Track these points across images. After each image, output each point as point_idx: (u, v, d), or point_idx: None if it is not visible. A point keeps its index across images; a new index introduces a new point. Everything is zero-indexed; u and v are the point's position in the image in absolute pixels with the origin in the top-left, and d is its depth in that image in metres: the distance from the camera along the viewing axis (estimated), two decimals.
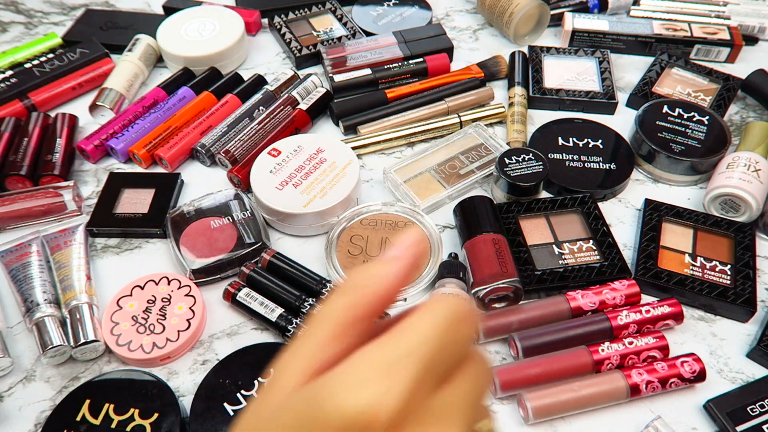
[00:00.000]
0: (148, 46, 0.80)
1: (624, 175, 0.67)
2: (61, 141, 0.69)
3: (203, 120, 0.71)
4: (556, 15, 0.88)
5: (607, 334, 0.53)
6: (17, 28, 0.89)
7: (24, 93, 0.75)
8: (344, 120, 0.73)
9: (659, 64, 0.80)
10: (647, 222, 0.61)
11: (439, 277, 0.55)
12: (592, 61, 0.81)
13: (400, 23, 0.87)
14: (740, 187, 0.61)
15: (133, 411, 0.47)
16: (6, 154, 0.67)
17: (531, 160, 0.63)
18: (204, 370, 0.52)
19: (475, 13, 0.92)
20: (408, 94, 0.76)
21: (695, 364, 0.50)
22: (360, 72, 0.77)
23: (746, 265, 0.58)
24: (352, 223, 0.62)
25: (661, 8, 0.88)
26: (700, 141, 0.67)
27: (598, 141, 0.70)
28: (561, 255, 0.59)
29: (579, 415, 0.50)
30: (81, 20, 0.87)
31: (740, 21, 0.86)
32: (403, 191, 0.65)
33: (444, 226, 0.64)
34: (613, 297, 0.54)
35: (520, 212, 0.62)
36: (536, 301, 0.55)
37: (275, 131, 0.70)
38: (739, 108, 0.78)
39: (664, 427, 0.47)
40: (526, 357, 0.52)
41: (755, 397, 0.49)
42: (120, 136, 0.69)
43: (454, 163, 0.68)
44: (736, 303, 0.55)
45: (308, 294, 0.55)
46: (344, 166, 0.63)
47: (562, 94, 0.76)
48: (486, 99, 0.76)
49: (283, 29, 0.85)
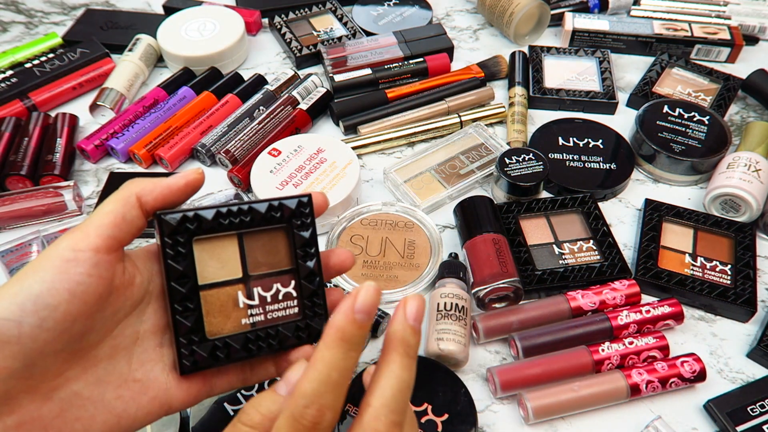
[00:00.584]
0: (148, 46, 0.80)
1: (624, 175, 0.67)
2: (62, 141, 0.69)
3: (203, 120, 0.71)
4: (556, 15, 0.88)
5: (608, 334, 0.53)
6: (17, 28, 0.89)
7: (24, 93, 0.75)
8: (344, 120, 0.73)
9: (660, 64, 0.80)
10: (647, 222, 0.61)
11: (439, 277, 0.55)
12: (593, 61, 0.81)
13: (401, 23, 0.87)
14: (740, 187, 0.61)
15: None
16: (6, 154, 0.67)
17: (531, 160, 0.63)
18: None
19: (475, 13, 0.92)
20: (408, 94, 0.76)
21: (695, 364, 0.50)
22: (360, 72, 0.77)
23: (746, 265, 0.58)
24: (353, 223, 0.62)
25: (661, 8, 0.88)
26: (700, 141, 0.67)
27: (598, 141, 0.70)
28: (561, 255, 0.59)
29: (579, 415, 0.50)
30: (81, 20, 0.87)
31: (741, 21, 0.86)
32: (404, 191, 0.65)
33: (444, 226, 0.64)
34: (613, 297, 0.54)
35: (520, 212, 0.62)
36: (536, 301, 0.55)
37: (275, 131, 0.70)
38: (740, 108, 0.78)
39: (664, 427, 0.47)
40: (526, 357, 0.52)
41: (755, 397, 0.49)
42: (120, 136, 0.69)
43: (455, 163, 0.68)
44: (737, 303, 0.55)
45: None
46: (344, 166, 0.63)
47: (562, 94, 0.76)
48: (486, 99, 0.77)
49: (283, 29, 0.85)
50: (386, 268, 0.58)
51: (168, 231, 0.33)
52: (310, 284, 0.36)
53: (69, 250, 0.29)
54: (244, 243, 0.35)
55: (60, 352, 0.29)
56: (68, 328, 0.28)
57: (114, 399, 0.31)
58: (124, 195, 0.31)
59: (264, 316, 0.35)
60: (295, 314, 0.36)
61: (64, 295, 0.28)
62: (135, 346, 0.32)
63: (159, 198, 0.32)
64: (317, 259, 0.36)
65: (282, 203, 0.35)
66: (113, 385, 0.31)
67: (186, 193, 0.33)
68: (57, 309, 0.28)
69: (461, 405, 0.47)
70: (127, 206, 0.31)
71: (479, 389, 0.51)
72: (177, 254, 0.33)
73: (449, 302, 0.52)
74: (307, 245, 0.36)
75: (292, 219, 0.36)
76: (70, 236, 0.30)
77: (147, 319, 0.33)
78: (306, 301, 0.36)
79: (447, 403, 0.47)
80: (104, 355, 0.31)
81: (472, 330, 0.54)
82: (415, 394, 0.48)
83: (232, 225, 0.34)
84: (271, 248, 0.36)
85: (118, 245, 0.31)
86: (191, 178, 0.33)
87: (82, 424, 0.30)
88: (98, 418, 0.30)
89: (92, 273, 0.29)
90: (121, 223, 0.31)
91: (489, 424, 0.49)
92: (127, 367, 0.32)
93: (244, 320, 0.35)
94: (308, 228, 0.36)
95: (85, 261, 0.29)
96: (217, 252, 0.35)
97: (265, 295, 0.35)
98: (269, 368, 0.37)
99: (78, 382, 0.30)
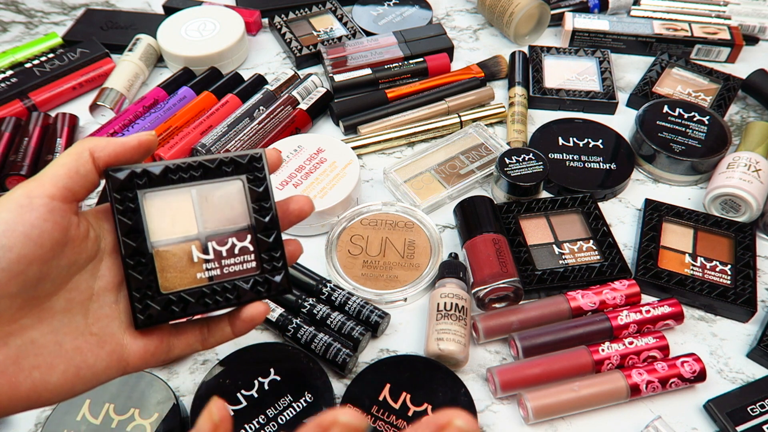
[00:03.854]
0: (148, 46, 0.80)
1: (624, 175, 0.67)
2: (62, 141, 0.69)
3: (203, 120, 0.71)
4: (556, 15, 0.88)
5: (608, 334, 0.53)
6: (18, 28, 0.89)
7: (24, 93, 0.75)
8: (344, 120, 0.73)
9: (659, 64, 0.80)
10: (647, 222, 0.61)
11: (439, 277, 0.55)
12: (593, 61, 0.81)
13: (401, 23, 0.87)
14: (740, 187, 0.61)
15: (133, 411, 0.47)
16: (6, 154, 0.67)
17: (531, 160, 0.63)
18: (204, 370, 0.52)
19: (475, 13, 0.92)
20: (408, 94, 0.76)
21: (695, 364, 0.50)
22: (360, 72, 0.77)
23: (746, 265, 0.58)
24: (353, 223, 0.62)
25: (661, 8, 0.88)
26: (700, 141, 0.67)
27: (598, 141, 0.70)
28: (561, 255, 0.59)
29: (579, 415, 0.50)
30: (81, 20, 0.87)
31: (741, 21, 0.86)
32: (403, 191, 0.65)
33: (444, 226, 0.64)
34: (613, 297, 0.54)
35: (520, 212, 0.62)
36: (536, 301, 0.55)
37: (275, 131, 0.70)
38: (740, 108, 0.78)
39: (664, 427, 0.47)
40: (526, 357, 0.52)
41: (755, 397, 0.49)
42: (120, 136, 0.69)
43: (455, 163, 0.68)
44: (737, 303, 0.55)
45: (308, 294, 0.55)
46: (344, 166, 0.63)
47: (562, 94, 0.76)
48: (486, 99, 0.77)
49: (283, 29, 0.85)
50: (386, 268, 0.58)
51: (116, 186, 0.33)
52: (267, 238, 0.36)
53: (24, 196, 0.30)
54: (196, 199, 0.36)
55: (14, 296, 0.29)
56: (23, 271, 0.29)
57: (72, 350, 0.31)
58: (77, 150, 0.32)
59: (220, 270, 0.35)
60: (252, 268, 0.36)
61: (19, 238, 0.28)
62: (90, 302, 0.33)
63: (112, 155, 0.33)
64: (273, 214, 0.36)
65: (233, 158, 0.36)
66: (70, 336, 0.32)
67: (139, 152, 0.34)
68: (12, 250, 0.28)
69: (461, 405, 0.47)
70: (80, 160, 0.32)
71: (479, 389, 0.51)
72: (126, 209, 0.33)
73: (449, 302, 0.52)
74: (261, 199, 0.36)
75: (245, 174, 0.36)
76: (25, 185, 0.30)
77: (102, 275, 0.34)
78: (263, 255, 0.36)
79: (447, 403, 0.47)
80: (60, 307, 0.32)
81: (472, 330, 0.54)
82: (415, 394, 0.48)
83: (182, 179, 0.35)
84: (226, 204, 0.36)
85: (72, 197, 0.31)
86: (144, 139, 0.34)
87: (40, 372, 0.30)
88: (57, 367, 0.30)
89: (47, 218, 0.29)
90: (75, 176, 0.31)
91: (489, 424, 0.49)
92: (84, 321, 0.32)
93: (199, 275, 0.35)
94: (262, 182, 0.36)
95: (40, 206, 0.29)
96: (171, 209, 0.35)
97: (220, 250, 0.36)
98: (225, 328, 0.37)
99: (34, 330, 0.30)
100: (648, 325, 0.53)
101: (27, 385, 0.29)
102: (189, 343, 0.36)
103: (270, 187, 0.36)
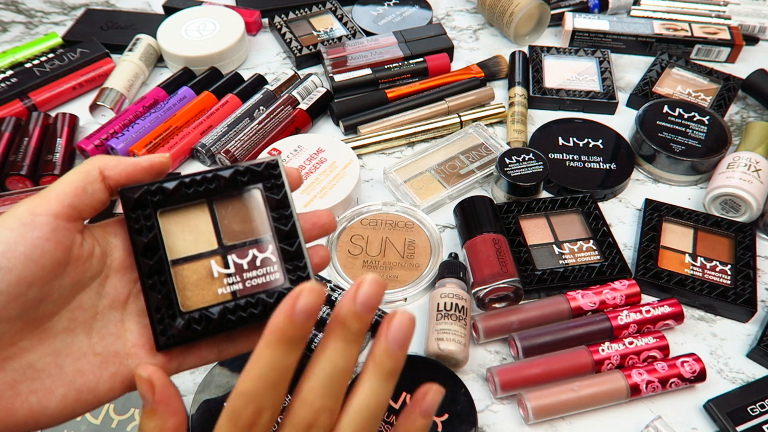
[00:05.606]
0: (148, 46, 0.80)
1: (624, 175, 0.67)
2: (62, 141, 0.69)
3: (203, 120, 0.71)
4: (556, 15, 0.88)
5: (608, 334, 0.53)
6: (18, 28, 0.89)
7: (24, 93, 0.75)
8: (344, 120, 0.73)
9: (659, 64, 0.80)
10: (647, 222, 0.61)
11: (439, 277, 0.55)
12: (593, 61, 0.81)
13: (401, 23, 0.87)
14: (740, 187, 0.61)
15: (133, 411, 0.47)
16: (6, 154, 0.67)
17: (531, 160, 0.63)
18: (204, 370, 0.52)
19: (475, 13, 0.92)
20: (408, 94, 0.76)
21: (695, 364, 0.50)
22: (360, 72, 0.77)
23: (746, 265, 0.58)
24: (353, 223, 0.62)
25: (661, 8, 0.88)
26: (700, 141, 0.67)
27: (598, 141, 0.70)
28: (561, 255, 0.59)
29: (579, 415, 0.50)
30: (81, 20, 0.87)
31: (741, 21, 0.86)
32: (404, 191, 0.65)
33: (444, 226, 0.64)
34: (613, 297, 0.54)
35: (520, 212, 0.62)
36: (536, 301, 0.55)
37: (275, 131, 0.70)
38: (740, 108, 0.78)
39: (664, 427, 0.47)
40: (526, 357, 0.52)
41: (755, 397, 0.49)
42: (120, 136, 0.69)
43: (455, 163, 0.68)
44: (737, 303, 0.55)
45: None
46: (344, 166, 0.63)
47: (562, 94, 0.76)
48: (486, 99, 0.77)
49: (283, 29, 0.85)
50: (386, 268, 0.58)
51: (130, 205, 0.32)
52: (290, 247, 0.34)
53: (27, 214, 0.28)
54: (215, 212, 0.34)
55: (14, 319, 0.28)
56: (23, 293, 0.28)
57: (73, 372, 0.30)
58: (86, 168, 0.31)
59: (242, 284, 0.34)
60: (277, 280, 0.34)
61: (20, 258, 0.27)
62: (95, 320, 0.32)
63: (123, 174, 0.32)
64: (294, 221, 0.35)
65: (248, 167, 0.35)
66: (72, 357, 0.30)
67: (150, 173, 0.33)
68: (11, 272, 0.27)
69: (461, 405, 0.47)
70: (88, 179, 0.31)
71: (479, 389, 0.51)
72: (142, 228, 0.32)
73: (449, 302, 0.52)
74: (280, 207, 0.35)
75: (262, 182, 0.35)
76: (30, 201, 0.29)
77: (107, 293, 0.33)
78: (287, 265, 0.34)
79: (447, 403, 0.47)
80: (62, 327, 0.31)
81: (472, 330, 0.54)
82: None
83: (198, 193, 0.34)
84: (244, 215, 0.35)
85: (78, 215, 0.30)
86: (157, 161, 0.33)
87: (38, 397, 0.29)
88: (56, 391, 0.29)
89: (50, 238, 0.28)
90: (82, 195, 0.30)
91: (489, 424, 0.49)
92: (87, 341, 0.31)
93: (221, 290, 0.34)
94: (280, 189, 0.35)
95: (43, 225, 0.28)
96: (189, 225, 0.34)
97: (241, 263, 0.34)
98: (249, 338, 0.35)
99: (33, 353, 0.29)
100: (648, 325, 0.53)
101: (24, 411, 0.28)
102: (202, 356, 0.35)
103: (289, 194, 0.35)
